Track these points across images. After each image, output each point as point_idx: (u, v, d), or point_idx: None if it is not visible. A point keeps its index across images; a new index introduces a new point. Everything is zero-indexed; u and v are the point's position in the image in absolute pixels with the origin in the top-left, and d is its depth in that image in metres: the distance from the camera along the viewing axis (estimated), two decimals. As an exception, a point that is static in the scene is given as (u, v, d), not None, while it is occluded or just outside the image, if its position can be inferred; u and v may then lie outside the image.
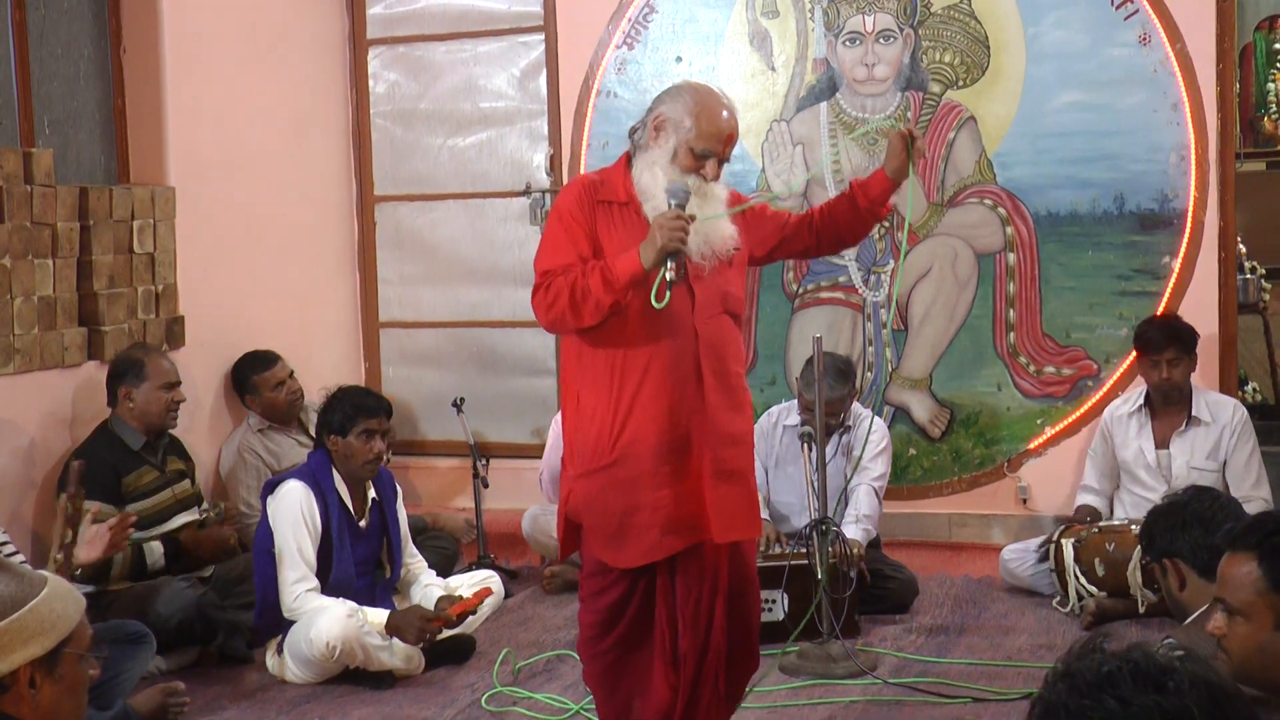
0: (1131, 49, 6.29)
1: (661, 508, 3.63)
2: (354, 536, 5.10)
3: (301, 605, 4.90)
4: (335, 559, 5.01)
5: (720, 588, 3.72)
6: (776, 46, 6.78)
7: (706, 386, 3.65)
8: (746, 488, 3.76)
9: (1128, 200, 6.36)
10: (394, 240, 7.54)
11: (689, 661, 3.72)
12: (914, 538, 6.60)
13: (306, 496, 4.99)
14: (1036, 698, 1.73)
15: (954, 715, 4.49)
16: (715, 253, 3.66)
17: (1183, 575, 3.13)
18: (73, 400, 5.51)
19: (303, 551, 4.94)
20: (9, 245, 5.18)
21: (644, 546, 3.67)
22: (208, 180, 6.24)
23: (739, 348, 3.82)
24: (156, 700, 4.50)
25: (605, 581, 3.77)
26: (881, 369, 6.72)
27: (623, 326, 3.64)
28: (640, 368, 3.64)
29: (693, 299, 3.65)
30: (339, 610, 4.83)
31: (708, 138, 3.63)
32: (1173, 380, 5.70)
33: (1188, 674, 1.67)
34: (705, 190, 3.64)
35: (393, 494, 5.30)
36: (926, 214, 6.60)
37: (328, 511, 5.02)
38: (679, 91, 3.74)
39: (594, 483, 3.70)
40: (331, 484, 5.07)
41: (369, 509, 5.18)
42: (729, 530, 3.68)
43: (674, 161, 3.64)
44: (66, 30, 5.83)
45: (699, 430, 3.64)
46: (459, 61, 7.38)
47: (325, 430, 5.09)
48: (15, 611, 2.09)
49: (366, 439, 5.05)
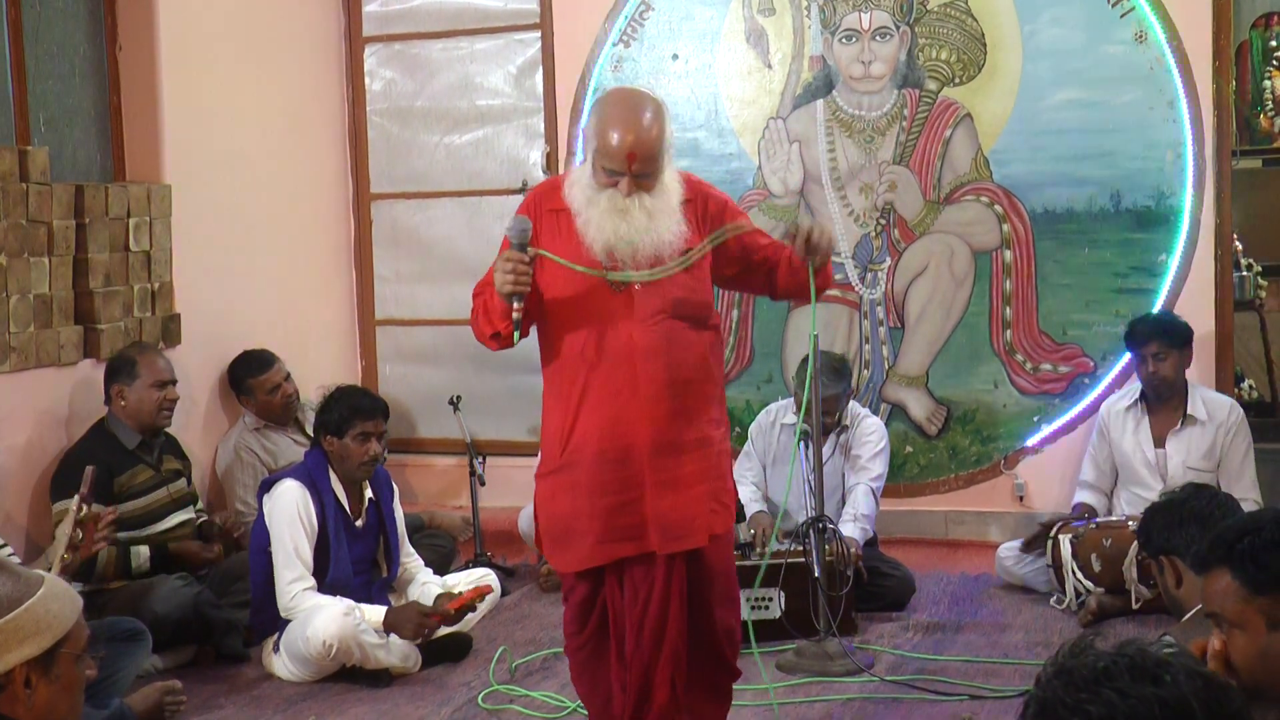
0: (1128, 46, 6.29)
1: (598, 516, 3.63)
2: (350, 536, 5.10)
3: (299, 604, 4.90)
4: (332, 558, 5.00)
5: (673, 595, 3.66)
6: (773, 44, 6.78)
7: (645, 395, 3.60)
8: (694, 496, 3.67)
9: (1124, 197, 6.36)
10: (390, 238, 7.54)
11: (634, 665, 3.70)
12: (911, 535, 6.61)
13: (303, 496, 4.98)
14: (1030, 696, 1.73)
15: (951, 712, 4.49)
16: (648, 258, 3.59)
17: (1180, 572, 3.13)
18: (69, 399, 5.50)
19: (299, 551, 4.94)
20: (5, 243, 5.17)
21: (581, 553, 3.68)
22: (204, 178, 6.23)
23: (697, 353, 3.70)
24: (153, 699, 4.50)
25: (570, 581, 3.82)
26: (878, 366, 6.72)
27: (565, 333, 3.66)
28: (583, 375, 3.64)
29: (632, 305, 3.62)
30: (336, 608, 4.83)
31: (608, 156, 3.57)
32: (1159, 374, 5.68)
33: (1183, 667, 1.68)
34: (626, 205, 3.57)
35: (389, 493, 5.30)
36: (923, 211, 6.60)
37: (324, 511, 5.01)
38: (597, 104, 3.69)
39: (546, 485, 3.76)
40: (328, 483, 5.07)
41: (365, 508, 5.18)
42: (671, 541, 3.64)
43: (594, 177, 3.62)
44: (62, 28, 5.82)
45: (641, 439, 3.60)
46: (455, 59, 7.37)
47: (322, 430, 5.09)
48: (11, 611, 2.09)
49: (363, 441, 5.05)
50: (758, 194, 6.82)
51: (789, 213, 6.77)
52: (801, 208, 6.75)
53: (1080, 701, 1.66)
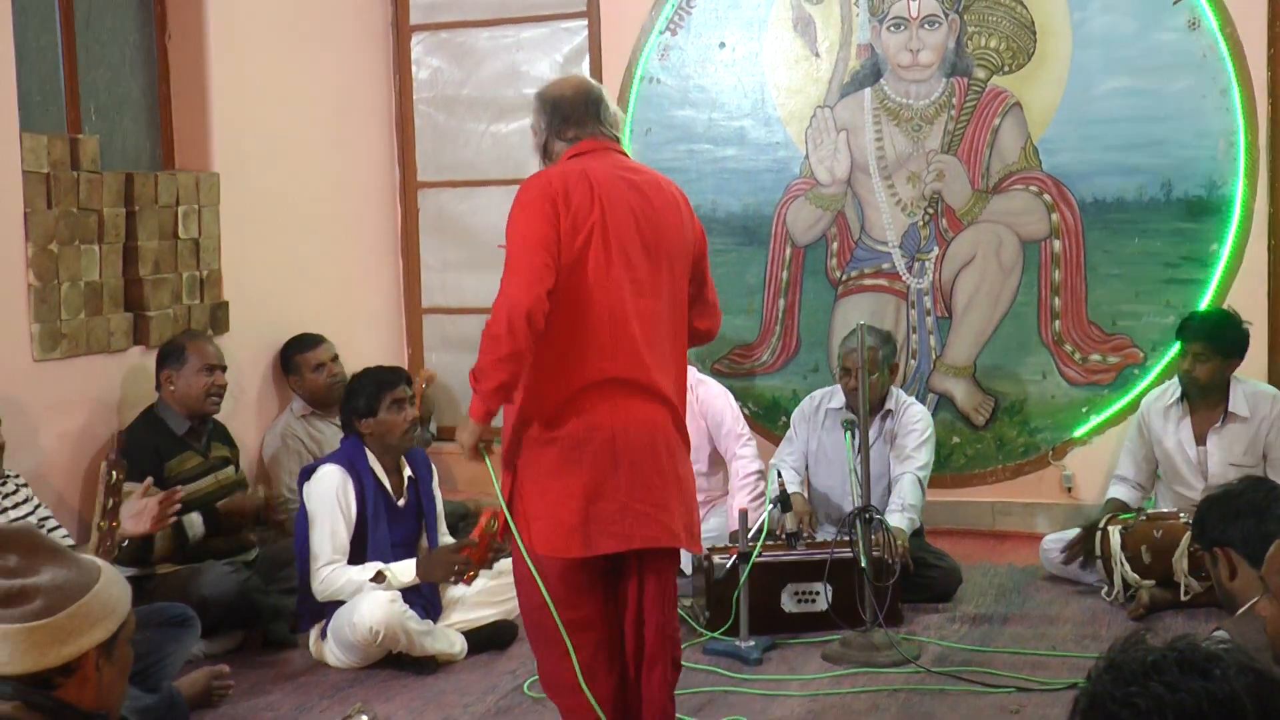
0: (1180, 33, 6.22)
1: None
2: (392, 516, 5.13)
3: (330, 581, 4.92)
4: (370, 540, 5.03)
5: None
6: (820, 32, 6.74)
7: None
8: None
9: (1175, 187, 6.30)
10: (436, 226, 7.56)
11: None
12: (957, 526, 6.58)
13: (342, 480, 5.02)
14: (1081, 690, 1.72)
15: (998, 704, 4.47)
16: None
17: (1234, 565, 3.10)
18: (119, 385, 5.54)
19: (335, 535, 4.96)
20: (56, 231, 5.21)
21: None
22: (251, 166, 6.26)
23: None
24: (202, 683, 4.55)
25: None
26: (925, 356, 6.69)
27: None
28: None
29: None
30: (382, 595, 4.85)
31: None
32: (1193, 374, 5.58)
33: (1234, 662, 1.66)
34: None
35: (428, 474, 5.33)
36: (971, 201, 6.56)
37: (364, 494, 5.04)
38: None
39: None
40: (366, 464, 5.10)
41: (406, 488, 5.21)
42: None
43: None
44: (112, 17, 5.86)
45: None
46: (502, 48, 7.38)
47: (354, 417, 5.12)
48: (82, 597, 2.13)
49: (398, 410, 5.10)
50: (804, 183, 6.80)
51: (836, 201, 6.74)
52: (849, 197, 6.72)
53: (1129, 695, 1.65)
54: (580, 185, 3.63)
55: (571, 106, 3.79)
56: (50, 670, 2.11)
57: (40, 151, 5.14)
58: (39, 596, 2.10)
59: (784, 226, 6.85)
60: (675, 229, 3.77)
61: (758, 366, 6.96)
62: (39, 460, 5.11)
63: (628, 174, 3.75)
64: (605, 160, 3.74)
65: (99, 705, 2.17)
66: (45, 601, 2.11)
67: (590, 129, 3.79)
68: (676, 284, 3.77)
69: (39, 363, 5.16)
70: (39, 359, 5.15)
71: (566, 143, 3.79)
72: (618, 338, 3.64)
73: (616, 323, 3.63)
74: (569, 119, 3.79)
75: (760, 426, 6.74)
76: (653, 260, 3.69)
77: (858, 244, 6.74)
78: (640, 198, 3.71)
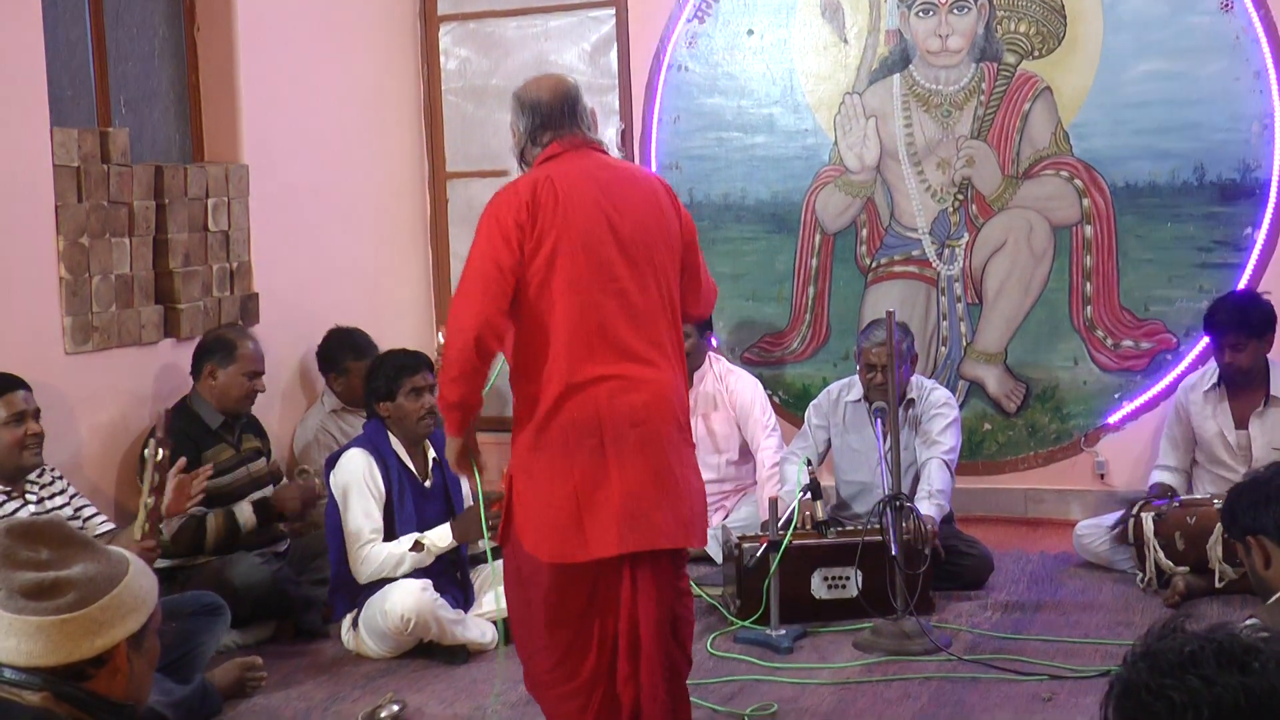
0: (1213, 16, 6.17)
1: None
2: (420, 497, 5.15)
3: (370, 559, 4.95)
4: (398, 519, 5.05)
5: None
6: (849, 18, 6.71)
7: None
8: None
9: (1208, 170, 6.25)
10: (465, 216, 7.55)
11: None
12: (989, 513, 6.55)
13: (368, 462, 5.04)
14: (1115, 677, 1.70)
15: (1030, 692, 4.45)
16: None
17: (1268, 552, 3.06)
18: (150, 377, 5.57)
19: (369, 515, 4.99)
20: (87, 224, 5.24)
21: None
22: (281, 158, 6.27)
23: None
24: (234, 674, 4.57)
25: None
26: (956, 343, 6.66)
27: None
28: None
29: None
30: (413, 583, 4.87)
31: None
32: (1236, 364, 5.56)
33: (1273, 654, 1.63)
34: None
35: None
36: (1001, 186, 6.52)
37: (389, 474, 5.06)
38: None
39: None
40: (389, 446, 5.12)
41: (431, 469, 5.22)
42: None
43: None
44: (141, 10, 5.88)
45: None
46: (530, 37, 7.37)
47: (374, 399, 5.16)
48: (114, 588, 2.15)
49: (416, 397, 5.11)
50: (834, 170, 6.77)
51: (865, 188, 6.71)
52: (878, 183, 6.69)
53: (1164, 687, 1.63)
54: (547, 195, 3.69)
55: (549, 109, 3.85)
56: (83, 662, 2.12)
57: (70, 145, 5.17)
58: (72, 589, 2.12)
59: (813, 214, 6.83)
60: (656, 221, 3.78)
61: (787, 354, 6.94)
62: (73, 452, 5.14)
63: (601, 172, 3.78)
64: (577, 162, 3.78)
65: (128, 696, 2.19)
66: (78, 594, 2.12)
67: (566, 130, 3.83)
68: (662, 276, 3.78)
69: (71, 355, 5.19)
70: (71, 352, 5.18)
71: (540, 147, 3.86)
72: (598, 338, 3.67)
73: (594, 324, 3.66)
74: (545, 123, 3.85)
75: (790, 414, 6.72)
76: (630, 256, 3.71)
77: (887, 231, 6.71)
78: (612, 197, 3.73)
